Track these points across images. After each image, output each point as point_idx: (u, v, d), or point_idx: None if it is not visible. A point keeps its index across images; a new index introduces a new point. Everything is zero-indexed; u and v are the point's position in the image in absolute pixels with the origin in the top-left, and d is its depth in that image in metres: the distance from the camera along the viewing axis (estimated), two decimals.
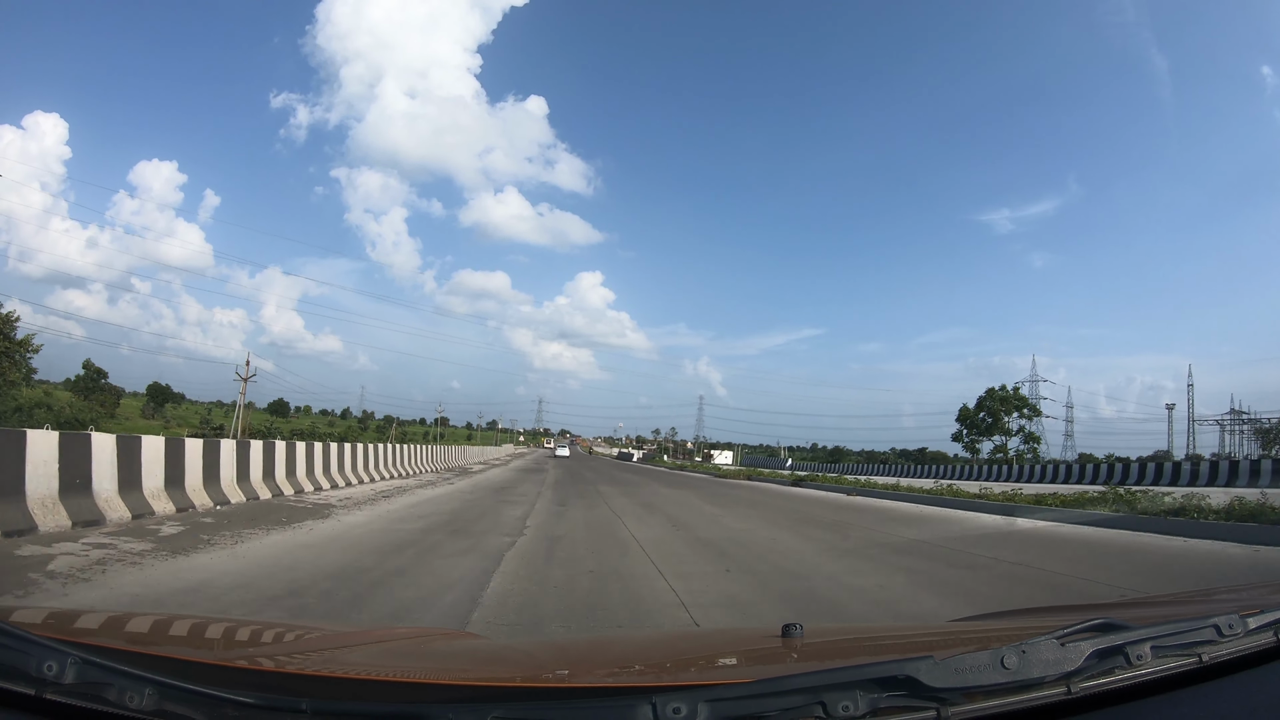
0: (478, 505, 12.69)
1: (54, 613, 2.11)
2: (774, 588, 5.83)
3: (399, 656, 1.52)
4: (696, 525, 10.78)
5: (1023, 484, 23.78)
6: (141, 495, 8.19)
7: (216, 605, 4.55)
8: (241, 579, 5.30)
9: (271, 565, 5.92)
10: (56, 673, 0.90)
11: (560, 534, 8.88)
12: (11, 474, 6.50)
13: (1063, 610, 2.05)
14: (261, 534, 7.54)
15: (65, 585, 4.75)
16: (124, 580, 5.03)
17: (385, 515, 10.22)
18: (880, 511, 13.79)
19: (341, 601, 4.80)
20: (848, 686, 0.89)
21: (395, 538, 7.91)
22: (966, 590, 5.90)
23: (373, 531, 8.39)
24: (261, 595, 4.85)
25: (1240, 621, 1.12)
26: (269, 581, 5.27)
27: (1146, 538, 8.96)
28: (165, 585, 4.98)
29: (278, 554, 6.45)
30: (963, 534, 9.84)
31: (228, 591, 4.91)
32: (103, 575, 5.11)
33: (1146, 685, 1.04)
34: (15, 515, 6.39)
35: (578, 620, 4.61)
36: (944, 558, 7.60)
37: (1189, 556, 7.55)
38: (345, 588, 5.21)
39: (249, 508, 9.77)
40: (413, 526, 9.03)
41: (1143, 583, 6.10)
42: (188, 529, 7.46)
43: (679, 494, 18.55)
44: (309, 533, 7.96)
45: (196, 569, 5.57)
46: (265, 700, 0.89)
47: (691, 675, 1.29)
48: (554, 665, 1.49)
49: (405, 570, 5.97)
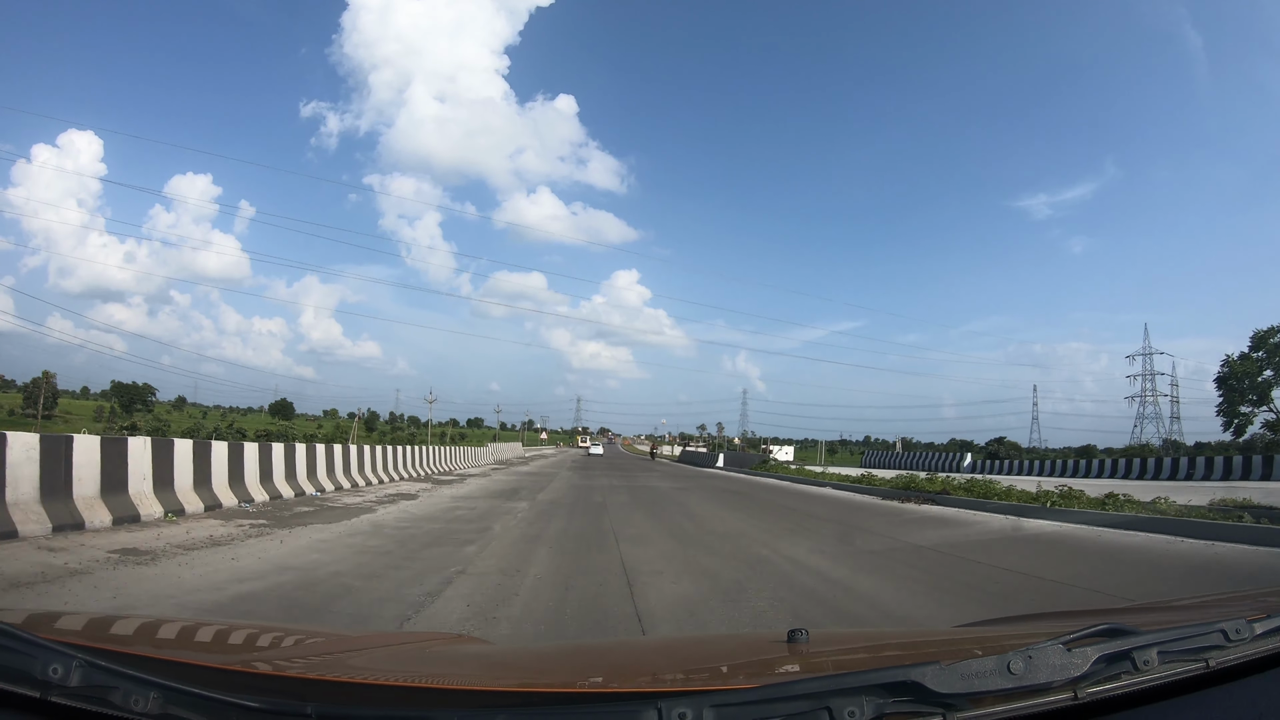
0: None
1: (58, 615, 2.11)
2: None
3: (403, 661, 1.52)
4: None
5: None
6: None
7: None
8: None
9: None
10: (61, 675, 0.90)
11: None
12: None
13: (1069, 615, 2.04)
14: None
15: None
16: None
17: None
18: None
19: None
20: (853, 692, 0.88)
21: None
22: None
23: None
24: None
25: (1247, 627, 1.11)
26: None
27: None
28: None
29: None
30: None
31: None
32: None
33: (1153, 691, 1.03)
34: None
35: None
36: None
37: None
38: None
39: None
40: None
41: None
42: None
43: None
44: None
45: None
46: (269, 704, 0.89)
47: (697, 681, 1.29)
48: (559, 670, 1.49)
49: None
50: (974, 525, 10.84)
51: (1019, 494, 13.00)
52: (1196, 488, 17.72)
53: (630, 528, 10.08)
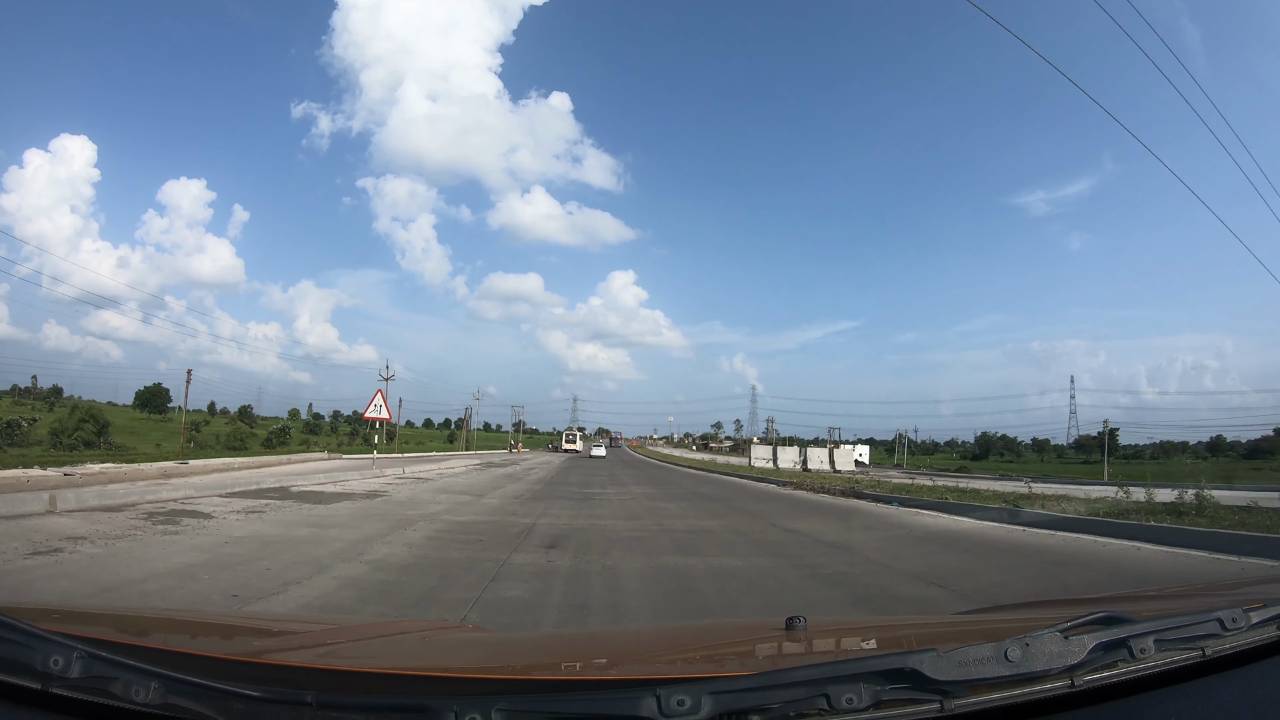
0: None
1: (59, 607, 2.12)
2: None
3: (402, 649, 1.53)
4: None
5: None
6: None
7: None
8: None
9: None
10: (63, 667, 0.90)
11: None
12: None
13: (1066, 603, 2.05)
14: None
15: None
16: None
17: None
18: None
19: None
20: (851, 679, 0.89)
21: None
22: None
23: None
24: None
25: (1243, 615, 1.12)
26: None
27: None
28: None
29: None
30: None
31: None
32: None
33: (1149, 679, 1.04)
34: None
35: None
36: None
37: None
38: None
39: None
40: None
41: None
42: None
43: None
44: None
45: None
46: (270, 693, 0.89)
47: (695, 667, 1.30)
48: (558, 657, 1.50)
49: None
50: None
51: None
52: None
53: None
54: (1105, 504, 11.11)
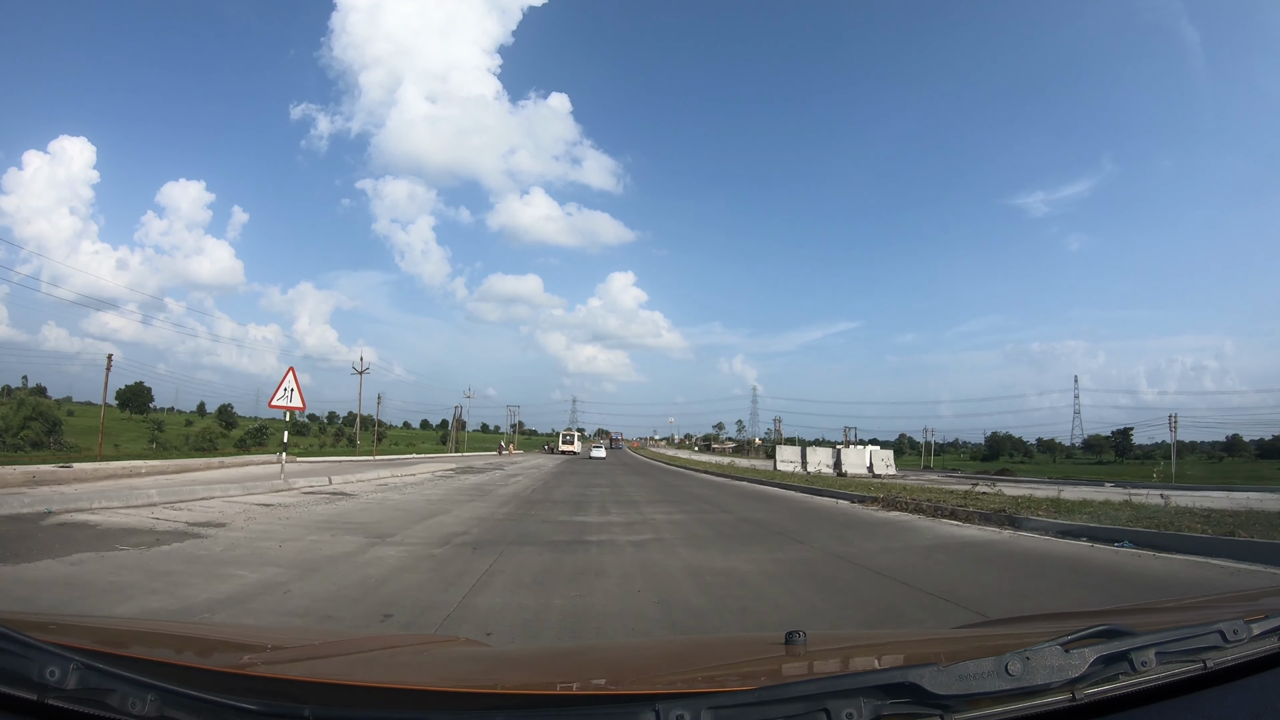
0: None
1: (56, 618, 2.10)
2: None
3: (400, 663, 1.52)
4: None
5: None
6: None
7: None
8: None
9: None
10: (59, 678, 0.90)
11: None
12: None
13: (1067, 616, 2.04)
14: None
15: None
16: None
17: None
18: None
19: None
20: (851, 694, 0.88)
21: None
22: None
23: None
24: None
25: (1245, 627, 1.11)
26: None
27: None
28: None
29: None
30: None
31: None
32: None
33: (1151, 691, 1.03)
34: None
35: None
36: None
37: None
38: None
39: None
40: None
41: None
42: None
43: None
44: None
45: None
46: (267, 707, 0.89)
47: (694, 683, 1.29)
48: (556, 672, 1.49)
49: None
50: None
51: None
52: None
53: None
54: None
